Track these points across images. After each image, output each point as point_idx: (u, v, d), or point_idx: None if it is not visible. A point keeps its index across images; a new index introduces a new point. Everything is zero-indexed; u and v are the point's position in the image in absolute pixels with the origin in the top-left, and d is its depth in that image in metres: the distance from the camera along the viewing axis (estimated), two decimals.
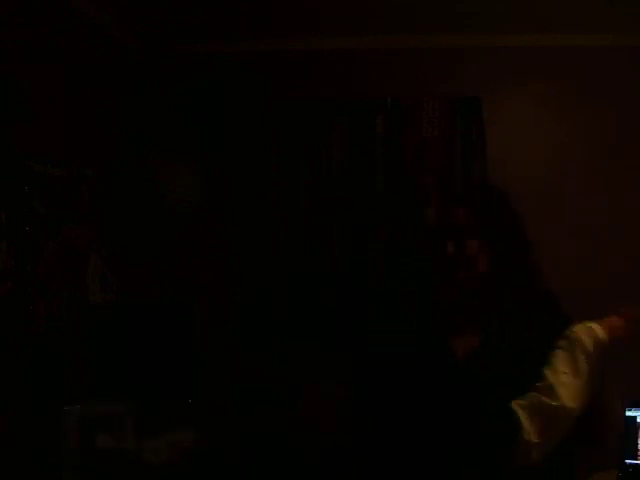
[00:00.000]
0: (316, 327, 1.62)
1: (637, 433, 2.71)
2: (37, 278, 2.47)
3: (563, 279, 3.27)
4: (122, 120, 3.27)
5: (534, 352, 1.52)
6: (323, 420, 1.50)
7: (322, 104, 3.41)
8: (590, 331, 1.55)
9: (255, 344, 3.11)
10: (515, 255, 1.61)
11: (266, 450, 1.61)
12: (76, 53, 2.83)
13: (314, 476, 1.79)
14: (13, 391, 2.29)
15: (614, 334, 1.57)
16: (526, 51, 3.39)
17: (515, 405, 1.45)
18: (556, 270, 3.29)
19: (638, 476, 2.68)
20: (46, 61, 2.60)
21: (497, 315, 1.60)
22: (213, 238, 3.41)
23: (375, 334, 1.60)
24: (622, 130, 3.36)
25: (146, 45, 3.46)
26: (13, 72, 2.34)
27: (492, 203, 1.68)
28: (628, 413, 2.72)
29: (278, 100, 3.40)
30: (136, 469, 2.39)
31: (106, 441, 2.40)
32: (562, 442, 1.47)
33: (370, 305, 1.66)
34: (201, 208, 3.41)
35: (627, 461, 2.70)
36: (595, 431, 1.60)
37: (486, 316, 1.60)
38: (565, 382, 1.47)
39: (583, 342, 1.52)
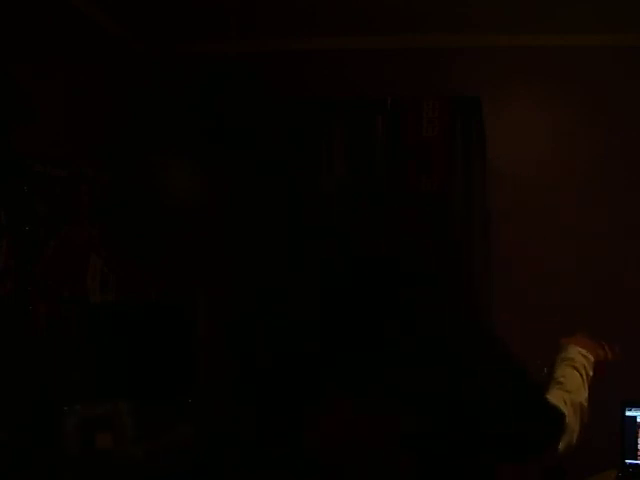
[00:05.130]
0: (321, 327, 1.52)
1: (637, 433, 2.70)
2: (37, 278, 2.47)
3: (563, 279, 3.30)
4: (122, 120, 3.27)
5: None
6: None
7: (322, 104, 3.40)
8: (587, 359, 1.52)
9: (254, 344, 3.11)
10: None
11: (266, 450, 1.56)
12: (76, 53, 2.84)
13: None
14: (13, 391, 2.29)
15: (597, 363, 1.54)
16: (526, 51, 3.39)
17: (557, 402, 1.39)
18: (556, 270, 3.33)
19: (638, 476, 2.67)
20: (46, 61, 2.60)
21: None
22: (213, 238, 3.40)
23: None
24: (622, 130, 3.36)
25: (146, 45, 3.46)
26: (13, 72, 2.34)
27: None
28: (628, 413, 2.71)
29: (278, 100, 3.40)
30: (136, 469, 2.39)
31: (106, 441, 2.40)
32: None
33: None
34: (201, 208, 3.41)
35: (627, 461, 2.70)
36: None
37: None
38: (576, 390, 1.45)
39: (587, 368, 1.50)
